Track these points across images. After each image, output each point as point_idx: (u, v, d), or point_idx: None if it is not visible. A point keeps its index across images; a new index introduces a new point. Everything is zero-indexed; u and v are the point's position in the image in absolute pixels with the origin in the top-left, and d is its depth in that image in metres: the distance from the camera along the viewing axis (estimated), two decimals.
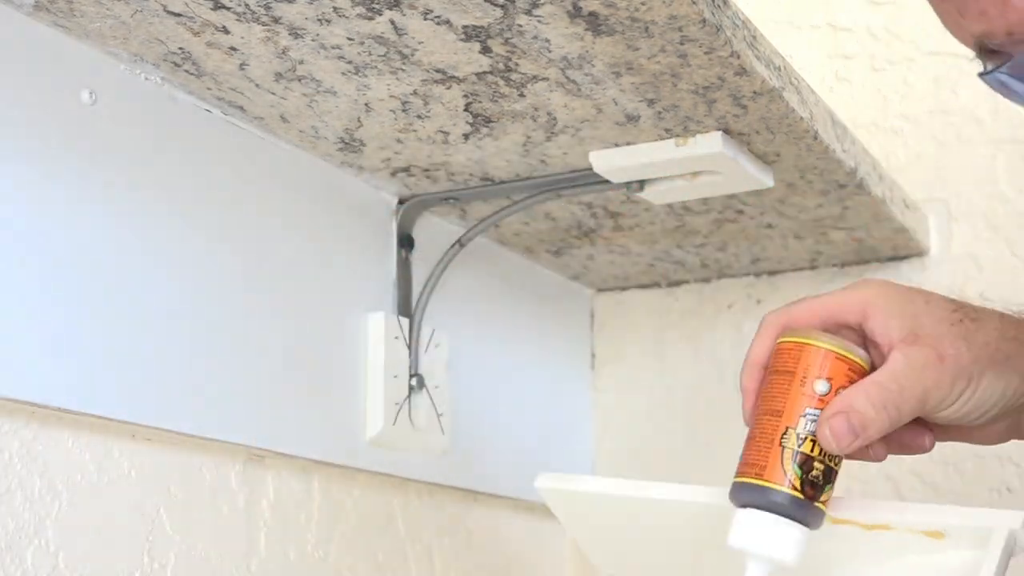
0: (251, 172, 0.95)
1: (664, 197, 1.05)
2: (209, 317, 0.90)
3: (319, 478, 1.00)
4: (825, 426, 0.69)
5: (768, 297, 1.32)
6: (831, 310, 0.74)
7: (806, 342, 0.71)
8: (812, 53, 1.33)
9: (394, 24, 0.79)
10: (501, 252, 1.23)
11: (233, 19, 0.79)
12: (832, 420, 0.69)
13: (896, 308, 0.72)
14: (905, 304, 0.73)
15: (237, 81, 0.87)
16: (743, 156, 0.98)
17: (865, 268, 1.28)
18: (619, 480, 0.81)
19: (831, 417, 0.69)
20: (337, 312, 1.03)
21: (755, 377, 0.74)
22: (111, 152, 0.84)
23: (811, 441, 0.69)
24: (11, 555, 0.76)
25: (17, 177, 0.78)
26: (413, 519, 1.10)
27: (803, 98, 0.93)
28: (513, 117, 0.93)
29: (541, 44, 0.82)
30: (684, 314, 1.36)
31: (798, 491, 0.69)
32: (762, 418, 0.71)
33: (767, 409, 0.71)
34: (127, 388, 0.83)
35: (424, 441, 1.09)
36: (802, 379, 0.70)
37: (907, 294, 0.74)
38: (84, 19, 0.79)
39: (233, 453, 0.92)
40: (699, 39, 0.81)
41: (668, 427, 1.35)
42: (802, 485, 0.69)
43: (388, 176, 1.05)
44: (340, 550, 1.01)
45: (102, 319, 0.82)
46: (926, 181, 1.27)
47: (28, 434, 0.78)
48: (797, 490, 0.69)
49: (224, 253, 0.92)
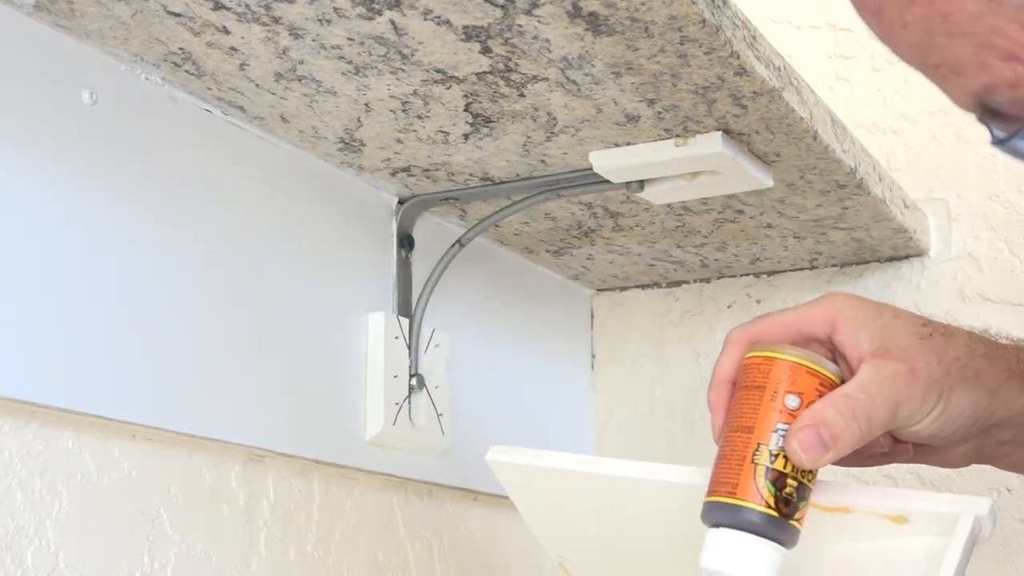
0: (251, 172, 0.96)
1: (664, 197, 1.05)
2: (209, 317, 0.90)
3: (319, 478, 1.00)
4: (794, 439, 0.67)
5: (768, 297, 1.32)
6: (799, 324, 0.72)
7: (775, 356, 0.69)
8: (812, 53, 1.33)
9: (394, 24, 0.79)
10: (501, 252, 1.23)
11: (233, 19, 0.79)
12: (801, 433, 0.67)
13: (866, 321, 0.71)
14: (875, 317, 0.71)
15: (237, 81, 0.87)
16: (743, 156, 0.98)
17: (865, 268, 1.28)
18: (574, 455, 0.79)
19: (800, 430, 0.67)
20: (337, 312, 1.03)
21: (723, 393, 0.72)
22: (111, 152, 0.84)
23: (783, 457, 0.67)
24: (11, 555, 0.76)
25: (17, 177, 0.78)
26: (413, 519, 1.10)
27: (803, 98, 0.93)
28: (513, 117, 0.93)
29: (541, 44, 0.82)
30: (684, 314, 1.36)
31: (772, 509, 0.67)
32: (732, 435, 0.69)
33: (737, 425, 0.69)
34: (127, 388, 0.83)
35: (424, 441, 1.09)
36: (772, 393, 0.69)
37: (876, 308, 0.72)
38: (84, 19, 0.79)
39: (233, 453, 0.92)
40: (699, 39, 0.81)
41: (668, 427, 1.35)
42: (776, 503, 0.67)
43: (388, 176, 1.05)
44: (340, 550, 1.01)
45: (102, 319, 0.82)
46: (926, 181, 1.27)
47: (28, 434, 0.78)
48: (771, 508, 0.67)
49: (224, 253, 0.92)
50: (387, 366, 1.05)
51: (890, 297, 1.27)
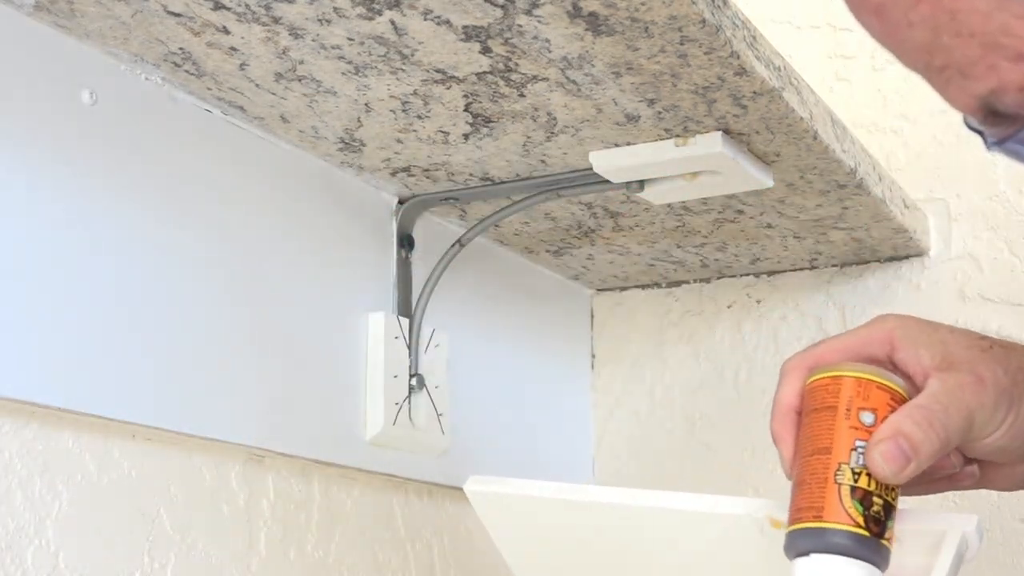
0: (251, 172, 0.95)
1: (664, 197, 1.05)
2: (209, 317, 0.90)
3: (319, 478, 1.00)
4: (875, 453, 0.65)
5: (768, 297, 1.32)
6: (856, 346, 0.71)
7: (843, 374, 0.67)
8: (812, 53, 1.33)
9: (394, 24, 0.79)
10: (501, 252, 1.23)
11: (233, 19, 0.79)
12: (881, 446, 0.65)
13: (923, 337, 0.70)
14: (930, 333, 0.70)
15: (237, 81, 0.87)
16: (743, 156, 0.98)
17: (865, 268, 1.28)
18: (552, 483, 0.76)
19: (880, 443, 0.65)
20: (337, 312, 1.03)
21: (788, 422, 0.70)
22: (111, 152, 0.84)
23: (866, 475, 0.65)
24: (11, 555, 0.76)
25: (17, 177, 0.78)
26: (413, 519, 1.10)
27: (803, 98, 0.93)
28: (513, 117, 0.93)
29: (541, 44, 0.82)
30: (684, 314, 1.36)
31: (863, 528, 0.64)
32: (809, 460, 0.66)
33: (813, 449, 0.66)
34: (127, 388, 0.83)
35: (424, 441, 1.09)
36: (846, 411, 0.66)
37: (930, 324, 0.71)
38: (84, 19, 0.79)
39: (233, 453, 0.92)
40: (699, 39, 0.81)
41: (668, 427, 1.35)
42: (866, 522, 0.64)
43: (388, 176, 1.05)
44: (340, 550, 1.01)
45: (102, 319, 0.82)
46: (926, 181, 1.27)
47: (28, 434, 0.78)
48: (862, 527, 0.64)
49: (224, 253, 0.92)
50: (387, 366, 1.05)
51: (890, 297, 1.27)
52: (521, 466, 1.21)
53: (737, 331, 1.33)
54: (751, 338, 1.33)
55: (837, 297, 1.29)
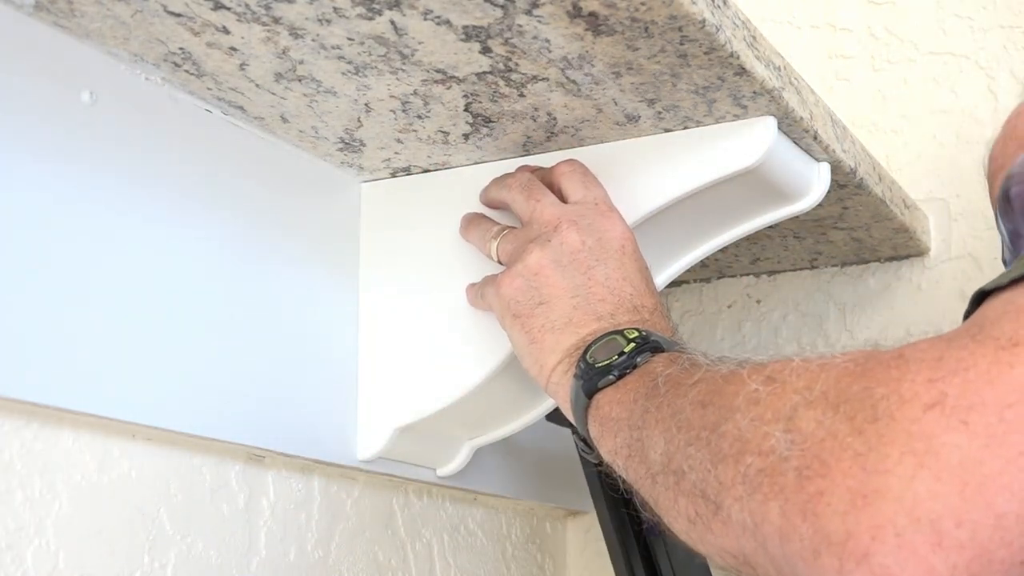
0: (251, 172, 0.95)
1: None
2: (209, 317, 0.90)
3: (319, 478, 1.00)
4: None
5: (768, 297, 1.32)
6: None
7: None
8: (812, 53, 1.33)
9: (394, 24, 0.79)
10: None
11: (233, 19, 0.79)
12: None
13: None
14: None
15: (237, 81, 0.87)
16: None
17: (865, 268, 1.29)
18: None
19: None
20: (338, 312, 1.03)
21: None
22: (111, 152, 0.84)
23: None
24: (11, 555, 0.76)
25: (17, 177, 0.78)
26: (413, 519, 1.10)
27: (803, 98, 0.93)
28: (513, 117, 0.93)
29: (541, 44, 0.82)
30: (684, 314, 1.36)
31: None
32: None
33: None
34: (127, 388, 0.83)
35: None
36: None
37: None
38: (84, 19, 0.79)
39: (233, 453, 0.92)
40: (699, 39, 0.81)
41: None
42: None
43: (388, 176, 1.05)
44: (340, 550, 1.01)
45: (102, 319, 0.82)
46: (926, 181, 1.27)
47: (28, 434, 0.78)
48: None
49: (224, 253, 0.92)
50: None
51: (890, 297, 1.27)
52: (521, 466, 1.21)
53: (737, 331, 1.33)
54: (751, 338, 1.33)
55: (837, 297, 1.29)
